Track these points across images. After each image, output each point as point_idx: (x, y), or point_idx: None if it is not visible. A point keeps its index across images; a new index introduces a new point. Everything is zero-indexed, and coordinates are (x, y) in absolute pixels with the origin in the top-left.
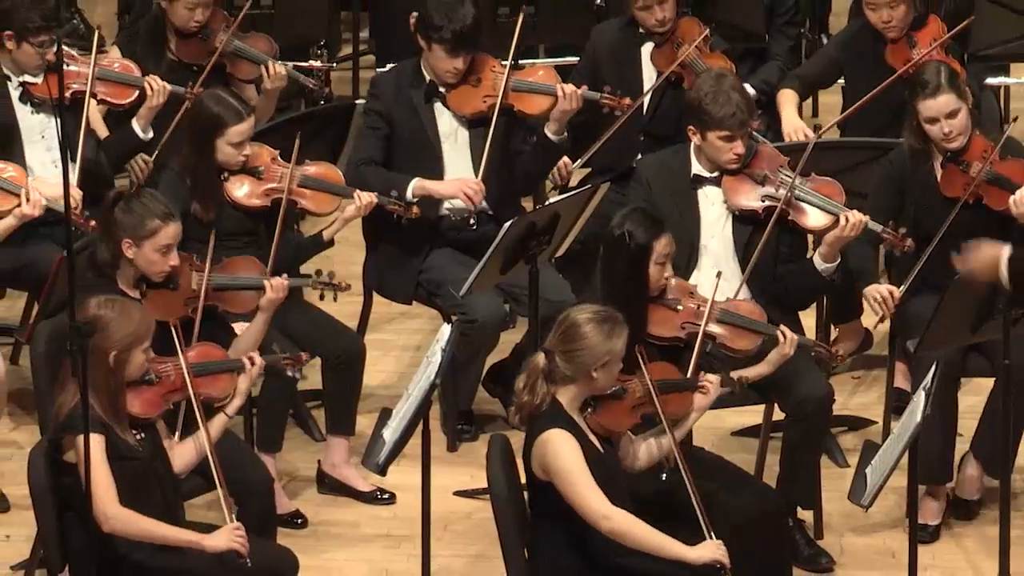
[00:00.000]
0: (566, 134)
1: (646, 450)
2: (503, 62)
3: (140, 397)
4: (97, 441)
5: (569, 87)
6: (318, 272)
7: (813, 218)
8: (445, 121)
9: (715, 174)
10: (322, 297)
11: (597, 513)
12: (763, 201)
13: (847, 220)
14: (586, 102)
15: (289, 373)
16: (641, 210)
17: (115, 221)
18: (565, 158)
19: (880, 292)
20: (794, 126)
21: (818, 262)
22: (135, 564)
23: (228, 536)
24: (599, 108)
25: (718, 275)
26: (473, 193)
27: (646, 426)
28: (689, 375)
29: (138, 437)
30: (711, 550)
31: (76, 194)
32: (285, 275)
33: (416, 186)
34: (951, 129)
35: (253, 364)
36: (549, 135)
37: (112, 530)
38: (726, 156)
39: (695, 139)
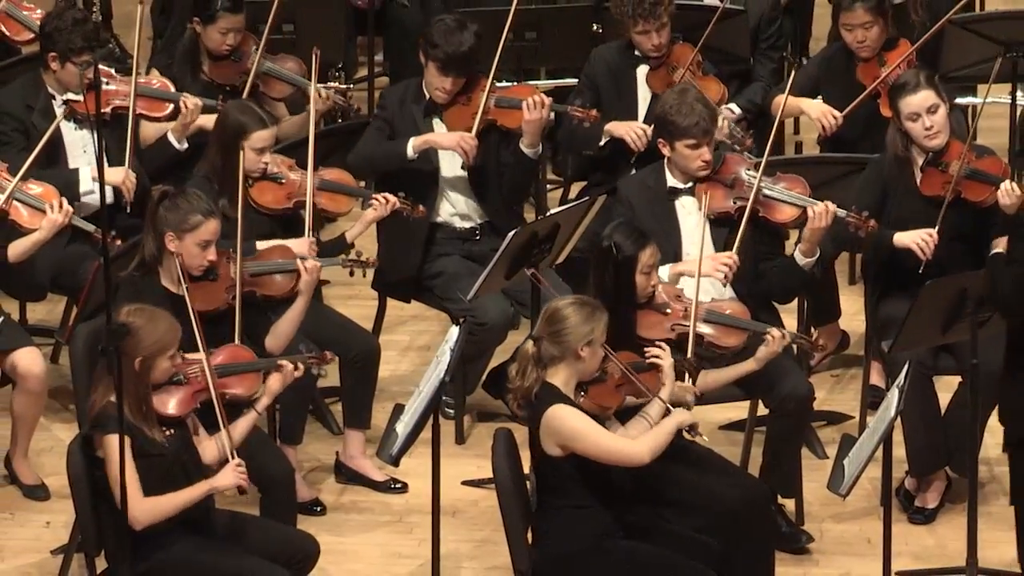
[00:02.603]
0: (540, 148)
1: (636, 426)
2: (496, 83)
3: (171, 397)
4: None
5: (535, 98)
6: (346, 251)
7: (782, 212)
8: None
9: (689, 184)
10: (352, 274)
11: (631, 453)
12: (734, 203)
13: (815, 212)
14: (557, 114)
15: (314, 371)
16: (627, 223)
17: (160, 217)
18: (642, 124)
19: (920, 236)
20: (821, 110)
21: (799, 258)
22: (166, 544)
23: (232, 473)
24: (570, 120)
25: (701, 258)
26: (469, 148)
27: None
28: (685, 379)
29: (167, 434)
30: (682, 413)
31: (132, 178)
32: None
33: (416, 142)
34: (932, 124)
35: (294, 369)
36: (523, 148)
37: (143, 525)
38: (695, 164)
39: (665, 151)
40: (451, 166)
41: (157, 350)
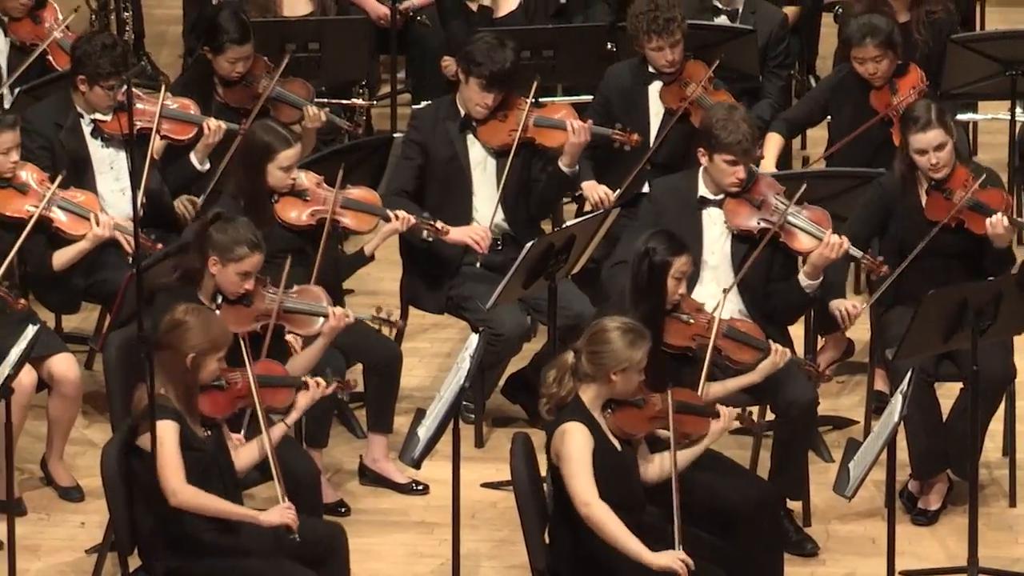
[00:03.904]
0: (578, 167)
1: (658, 463)
2: (528, 100)
3: (212, 399)
4: (172, 428)
5: (578, 122)
6: (378, 309)
7: (802, 241)
8: (476, 151)
9: (719, 197)
10: (379, 330)
11: (580, 498)
12: (759, 223)
13: (828, 241)
14: (598, 137)
15: (339, 396)
16: (666, 231)
17: (209, 237)
18: (606, 189)
19: (844, 306)
20: (768, 171)
21: (802, 279)
22: (199, 543)
23: (280, 512)
24: (611, 143)
25: (725, 292)
26: (480, 239)
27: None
28: (701, 385)
29: (206, 434)
30: (669, 558)
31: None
32: (348, 310)
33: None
34: (938, 161)
35: (319, 387)
36: (562, 167)
37: (179, 503)
38: (729, 179)
39: (703, 160)
40: (483, 181)
41: (209, 348)
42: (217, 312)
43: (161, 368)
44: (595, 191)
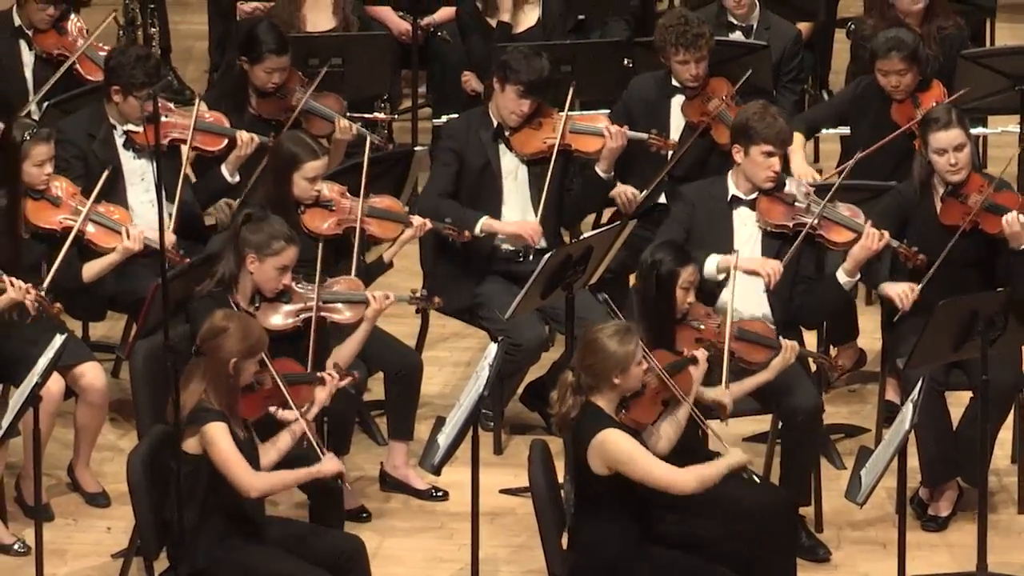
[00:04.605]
0: (613, 173)
1: (668, 427)
2: (560, 111)
3: (245, 401)
4: (224, 428)
5: (615, 127)
6: (414, 290)
7: (840, 233)
8: (508, 160)
9: (751, 196)
10: (418, 311)
11: (674, 482)
12: (794, 219)
13: (870, 233)
14: (634, 142)
15: (350, 390)
16: (670, 243)
17: (243, 238)
18: (633, 189)
19: (901, 287)
20: (802, 171)
21: (841, 276)
22: (229, 546)
23: (333, 462)
24: (647, 147)
25: (735, 252)
26: (534, 232)
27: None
28: (724, 385)
29: (244, 435)
30: (738, 454)
31: (171, 238)
32: (388, 292)
33: (484, 223)
34: (957, 161)
35: (333, 379)
36: (599, 172)
37: (259, 493)
38: (765, 173)
39: (738, 157)
40: (513, 189)
41: (249, 353)
42: (257, 313)
43: (204, 374)
44: (624, 191)
